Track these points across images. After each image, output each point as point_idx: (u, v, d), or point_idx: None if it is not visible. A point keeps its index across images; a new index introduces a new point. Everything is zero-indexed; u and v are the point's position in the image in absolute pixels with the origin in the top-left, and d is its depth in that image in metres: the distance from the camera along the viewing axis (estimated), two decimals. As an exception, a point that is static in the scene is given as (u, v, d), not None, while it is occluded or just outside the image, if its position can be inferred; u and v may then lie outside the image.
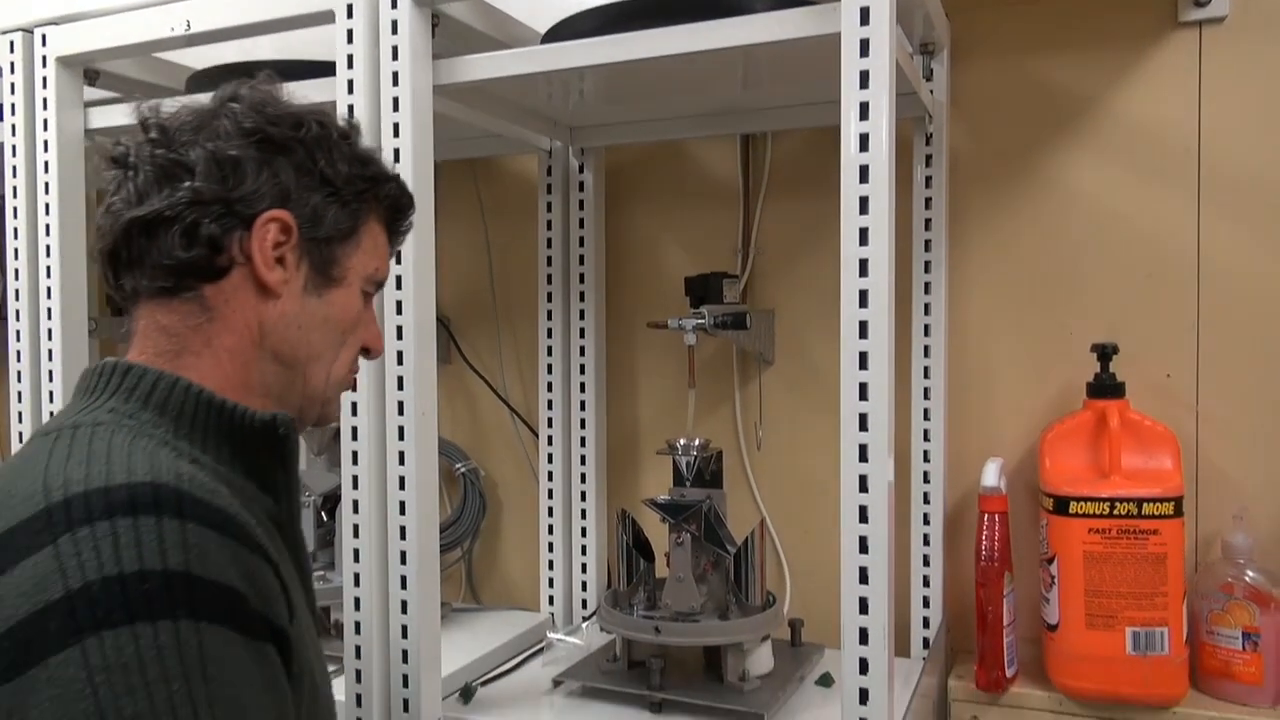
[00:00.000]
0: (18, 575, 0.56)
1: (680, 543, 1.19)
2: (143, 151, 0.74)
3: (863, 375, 0.90)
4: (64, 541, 0.57)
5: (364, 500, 1.10)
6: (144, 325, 0.75)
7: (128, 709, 0.54)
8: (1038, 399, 1.32)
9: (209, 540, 0.60)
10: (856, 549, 0.91)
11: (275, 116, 0.75)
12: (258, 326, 0.74)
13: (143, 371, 0.71)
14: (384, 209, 0.83)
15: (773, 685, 1.17)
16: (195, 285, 0.73)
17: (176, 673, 0.55)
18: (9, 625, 0.55)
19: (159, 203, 0.72)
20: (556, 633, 1.39)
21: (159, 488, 0.60)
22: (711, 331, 1.28)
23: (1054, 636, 1.19)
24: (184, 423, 0.70)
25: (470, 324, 1.64)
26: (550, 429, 1.49)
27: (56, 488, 0.60)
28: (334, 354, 0.79)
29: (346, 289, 0.79)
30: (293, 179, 0.74)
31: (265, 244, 0.73)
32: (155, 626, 0.55)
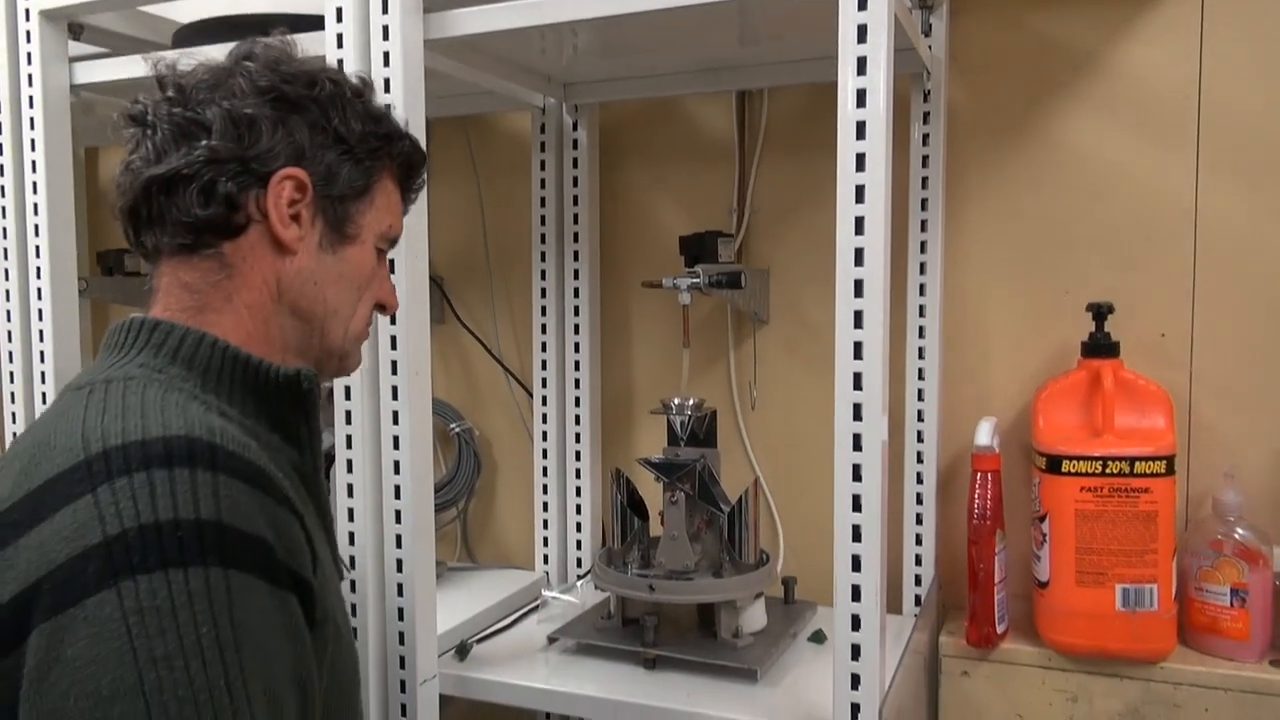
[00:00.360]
0: (59, 521, 0.59)
1: (674, 501, 1.20)
2: (160, 110, 0.76)
3: (857, 334, 0.90)
4: (103, 491, 0.60)
5: (359, 460, 1.10)
6: (166, 282, 0.76)
7: (159, 649, 0.57)
8: (1032, 358, 1.32)
9: (239, 492, 0.62)
10: (850, 507, 0.92)
11: (290, 75, 0.77)
12: (276, 282, 0.77)
13: (170, 327, 0.73)
14: (397, 167, 0.84)
15: (766, 642, 1.18)
16: (214, 242, 0.75)
17: (205, 617, 0.58)
18: (51, 567, 0.58)
19: (176, 161, 0.73)
20: (551, 591, 1.41)
21: (193, 441, 0.63)
22: (706, 291, 1.28)
23: (1044, 593, 1.21)
24: (210, 377, 0.72)
25: (464, 283, 1.64)
26: (544, 389, 1.49)
27: (95, 440, 0.62)
28: (350, 309, 0.82)
29: (360, 246, 0.81)
30: (307, 137, 0.76)
31: (280, 201, 0.75)
32: (186, 572, 0.58)
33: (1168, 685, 1.15)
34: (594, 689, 1.11)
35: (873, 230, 0.89)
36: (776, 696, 1.09)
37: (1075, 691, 1.19)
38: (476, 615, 1.31)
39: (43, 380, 1.28)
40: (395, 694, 1.11)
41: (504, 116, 1.59)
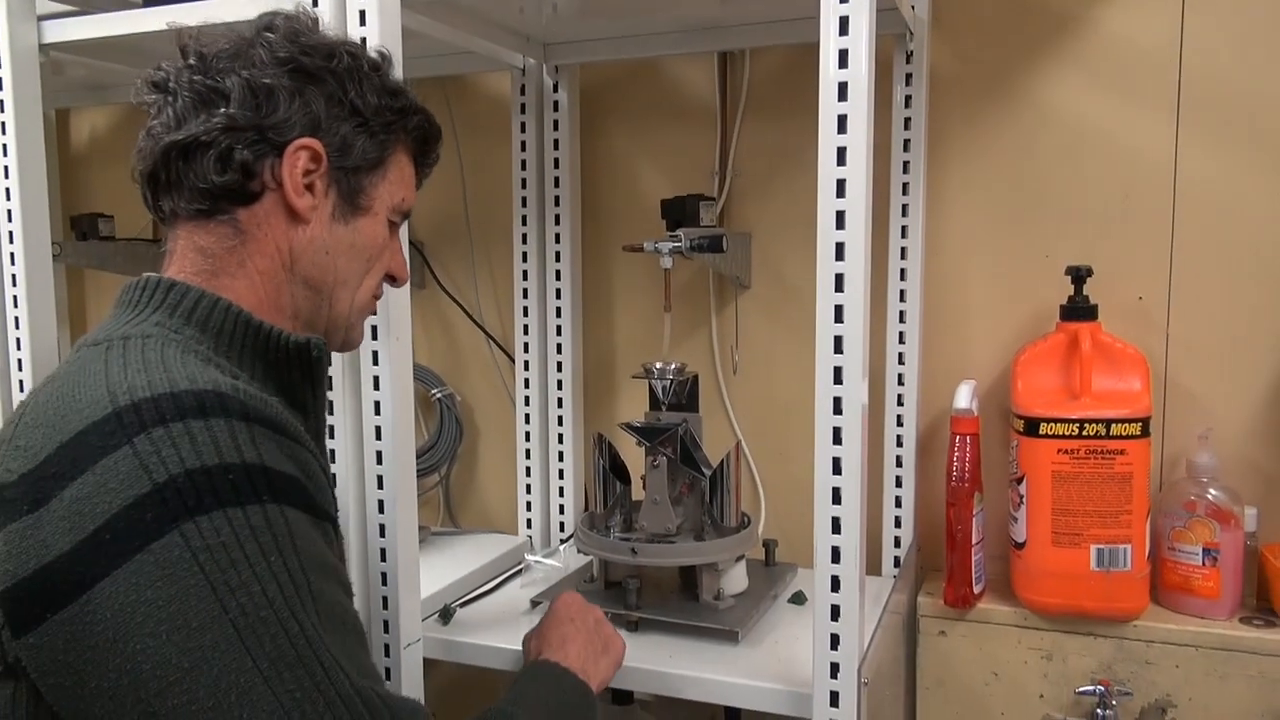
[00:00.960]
0: (101, 473, 0.61)
1: (656, 466, 1.21)
2: (182, 77, 0.77)
3: (838, 297, 0.90)
4: (140, 441, 0.61)
5: (340, 426, 1.10)
6: (181, 245, 0.78)
7: (234, 579, 0.60)
8: (1012, 321, 1.33)
9: (269, 439, 0.66)
10: (830, 470, 0.92)
11: (309, 46, 0.78)
12: (288, 250, 0.79)
13: (185, 289, 0.75)
14: (411, 140, 0.86)
15: (747, 604, 1.20)
16: (229, 209, 0.77)
17: (271, 547, 0.62)
18: (106, 518, 0.60)
19: (196, 128, 0.75)
20: (534, 555, 1.42)
21: (221, 395, 0.65)
22: (688, 255, 1.27)
23: (1021, 554, 1.23)
24: (223, 340, 0.74)
25: (444, 248, 1.63)
26: (526, 354, 1.49)
27: (122, 393, 0.64)
28: (359, 280, 0.84)
29: (373, 218, 0.83)
30: (323, 109, 0.78)
31: (295, 171, 0.77)
32: (244, 510, 0.62)
33: (1140, 643, 1.18)
34: (577, 651, 1.12)
35: (854, 193, 0.89)
36: (757, 657, 1.10)
37: (1050, 650, 1.22)
38: (460, 579, 1.32)
39: (18, 346, 1.27)
40: (380, 658, 1.12)
41: (483, 78, 1.57)
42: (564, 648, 0.96)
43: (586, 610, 1.02)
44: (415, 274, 1.60)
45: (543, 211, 1.46)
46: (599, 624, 1.02)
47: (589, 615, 1.02)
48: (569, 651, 0.95)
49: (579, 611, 1.02)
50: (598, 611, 1.03)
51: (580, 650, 0.96)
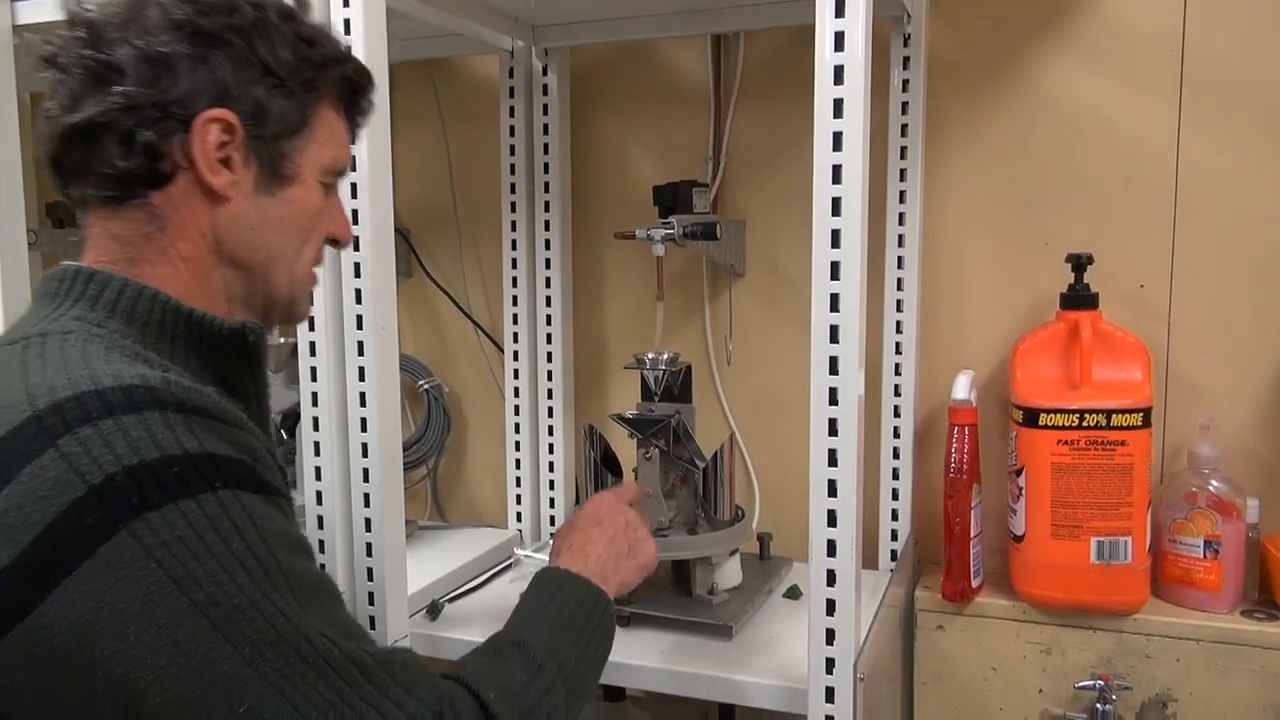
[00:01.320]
0: (26, 481, 0.57)
1: (648, 458, 1.20)
2: (71, 51, 0.70)
3: (834, 286, 0.89)
4: (66, 442, 0.58)
5: (324, 417, 1.09)
6: (95, 233, 0.73)
7: (198, 571, 0.58)
8: (1012, 311, 1.33)
9: (209, 427, 0.63)
10: (825, 462, 0.92)
11: (207, 5, 0.71)
12: (211, 232, 0.73)
13: (107, 279, 0.70)
14: (338, 92, 0.78)
15: (741, 598, 1.19)
16: (141, 193, 0.71)
17: (232, 534, 0.60)
18: (42, 528, 0.57)
19: (91, 109, 0.69)
20: (524, 549, 1.41)
21: (152, 387, 0.62)
22: (681, 242, 1.27)
23: (1020, 547, 1.22)
24: (151, 331, 0.70)
25: (431, 235, 1.62)
26: (515, 343, 1.48)
27: (41, 394, 0.60)
28: (295, 254, 0.78)
29: (302, 185, 0.76)
30: (230, 73, 0.70)
31: (207, 146, 0.70)
32: (197, 500, 0.59)
33: (1140, 637, 1.18)
34: (568, 647, 1.12)
35: (850, 179, 0.88)
36: (752, 652, 1.10)
37: (1049, 644, 1.21)
38: (448, 575, 1.31)
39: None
40: (365, 654, 1.11)
41: (471, 61, 1.56)
42: (584, 551, 0.90)
43: (617, 512, 0.96)
44: (401, 262, 1.59)
45: (532, 198, 1.45)
46: (629, 527, 0.95)
47: (618, 518, 0.95)
48: (589, 555, 0.90)
49: (609, 513, 0.95)
50: (630, 514, 0.96)
51: (601, 554, 0.90)
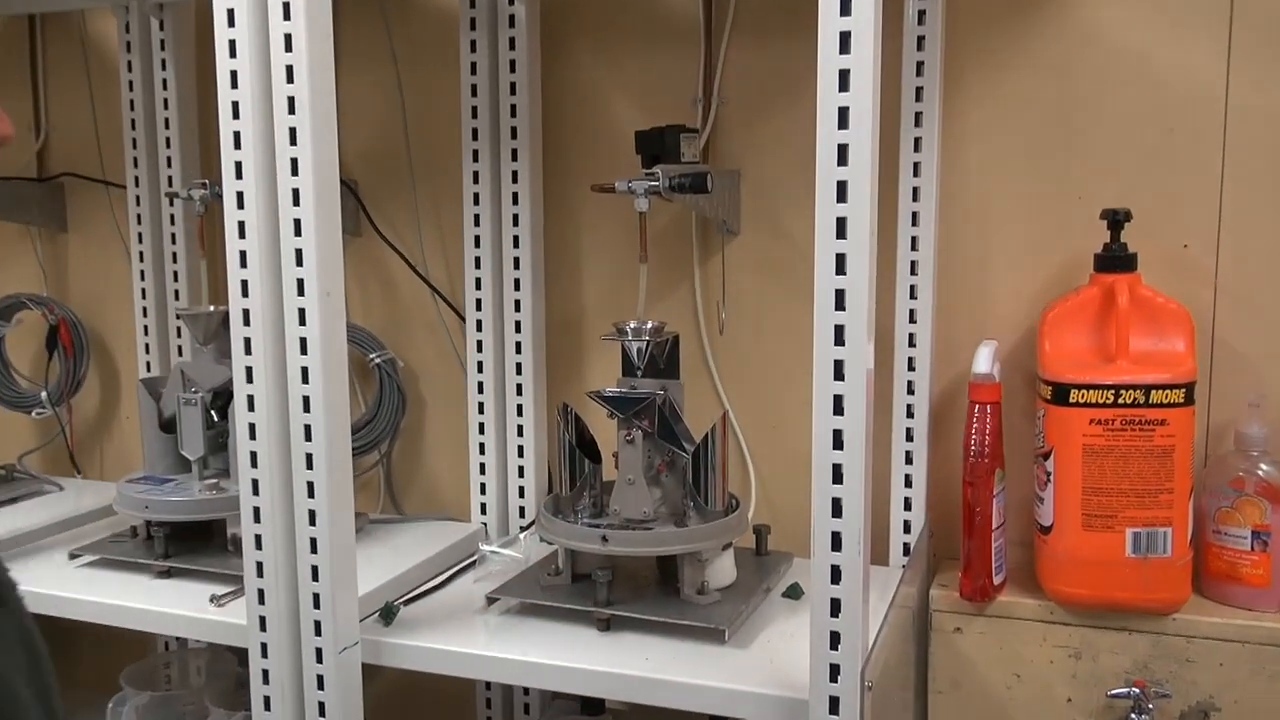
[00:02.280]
0: None
1: (630, 440, 1.21)
2: None
3: (840, 245, 0.90)
4: None
5: (261, 396, 1.09)
6: None
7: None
8: (1040, 273, 1.33)
9: None
10: (830, 445, 0.92)
11: None
12: None
13: None
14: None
15: (735, 598, 1.20)
16: None
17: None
18: None
19: None
20: (490, 545, 1.41)
21: None
22: (667, 196, 1.26)
23: (1047, 539, 1.24)
24: None
25: (382, 189, 1.61)
26: (479, 311, 1.48)
27: None
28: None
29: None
30: None
31: None
32: None
33: (1180, 639, 1.20)
34: (540, 654, 1.13)
35: (859, 125, 0.88)
36: (747, 659, 1.11)
37: (1079, 647, 1.23)
38: (404, 573, 1.31)
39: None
40: (310, 664, 1.12)
41: (426, -11, 1.55)
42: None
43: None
44: (349, 220, 1.58)
45: (497, 147, 1.44)
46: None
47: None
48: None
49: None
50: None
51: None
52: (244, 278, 1.08)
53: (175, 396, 1.41)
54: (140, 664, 1.61)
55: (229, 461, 1.41)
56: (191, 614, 1.25)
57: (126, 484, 1.41)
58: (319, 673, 1.11)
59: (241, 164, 1.07)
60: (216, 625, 1.23)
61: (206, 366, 1.43)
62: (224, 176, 1.08)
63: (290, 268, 1.06)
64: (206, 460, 1.41)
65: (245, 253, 1.08)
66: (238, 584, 1.21)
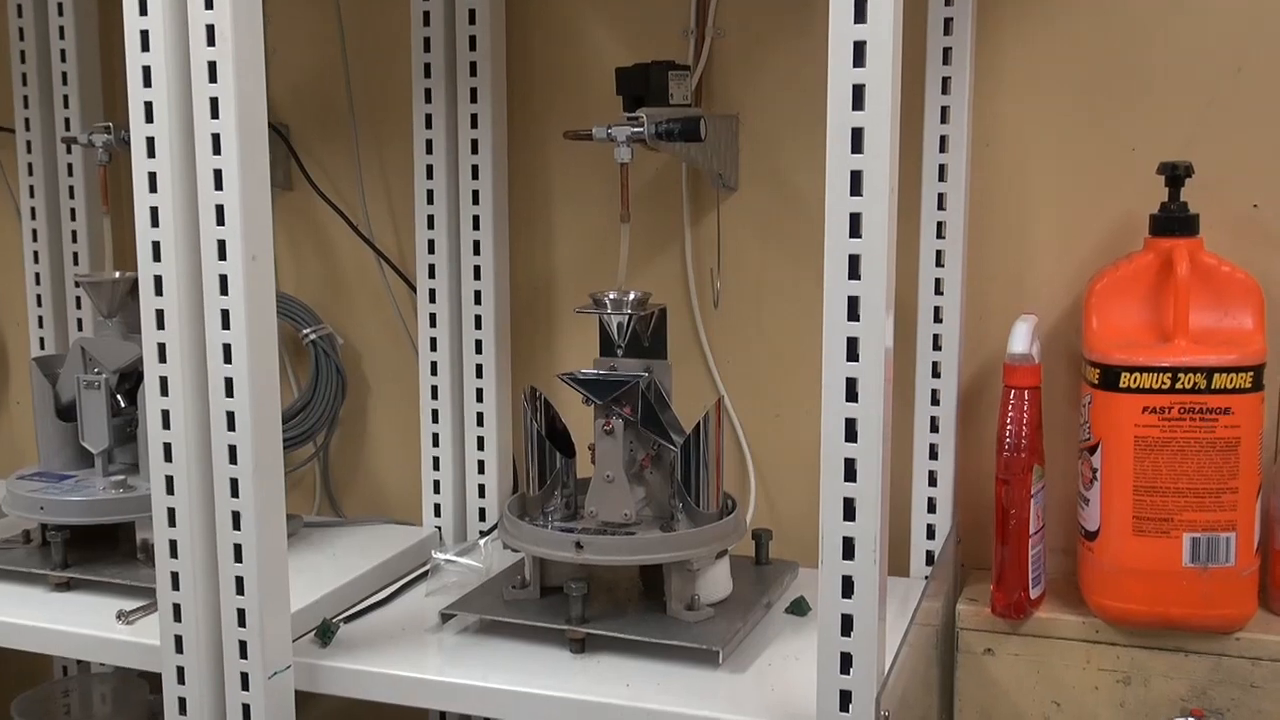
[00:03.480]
0: None
1: (609, 431, 1.21)
2: None
3: (855, 203, 0.90)
4: None
5: (176, 378, 1.08)
6: None
7: None
8: (1086, 237, 1.34)
9: None
10: (842, 436, 0.93)
11: None
12: None
13: None
14: None
15: (731, 614, 1.20)
16: None
17: None
18: None
19: None
20: (445, 552, 1.41)
21: None
22: (652, 144, 1.26)
23: (1092, 546, 1.24)
24: None
25: (318, 134, 1.60)
26: (432, 279, 1.48)
27: None
28: None
29: None
30: None
31: None
32: None
33: (1244, 661, 1.21)
34: (503, 680, 1.13)
35: (877, 62, 0.88)
36: (744, 685, 1.11)
37: (1128, 671, 1.24)
38: (344, 586, 1.31)
39: None
40: (235, 692, 1.12)
41: (370, -101, 1.54)
42: None
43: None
44: (277, 169, 1.57)
45: (454, 86, 1.44)
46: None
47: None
48: None
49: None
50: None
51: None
52: (155, 239, 1.08)
53: (75, 379, 1.40)
54: (34, 692, 1.61)
55: (138, 455, 1.40)
56: (95, 633, 1.25)
57: (17, 481, 1.40)
58: (245, 701, 1.11)
59: (152, 105, 1.06)
60: (124, 646, 1.23)
61: (111, 343, 1.42)
62: (131, 119, 1.07)
63: (210, 227, 1.05)
64: (112, 453, 1.41)
65: (157, 209, 1.07)
66: (149, 598, 1.21)
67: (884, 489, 0.94)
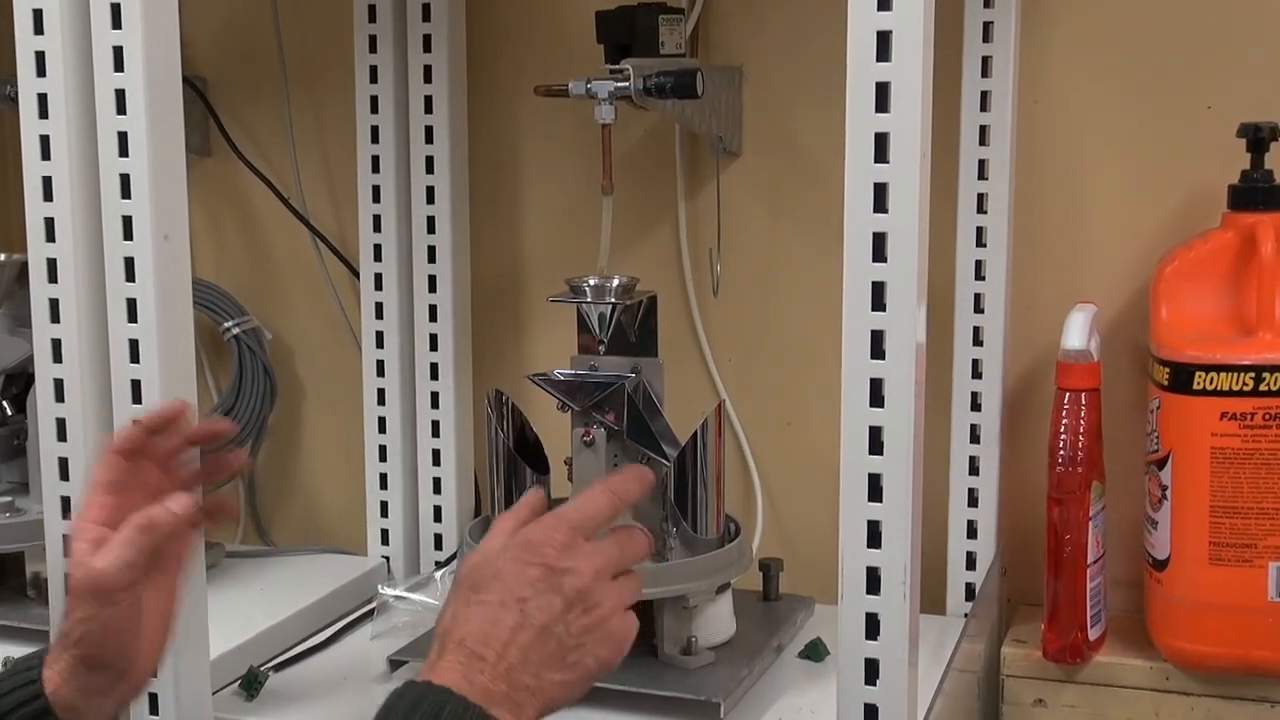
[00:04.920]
0: None
1: (590, 442, 1.21)
2: None
3: (879, 171, 0.90)
4: None
5: (73, 380, 1.08)
6: None
7: None
8: (1154, 212, 1.34)
9: None
10: (865, 447, 0.93)
11: None
12: None
13: None
14: None
15: (734, 659, 1.20)
16: None
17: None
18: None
19: None
20: (394, 587, 1.41)
21: None
22: (640, 102, 1.26)
23: (1161, 578, 1.25)
24: None
25: (243, 92, 1.61)
26: (379, 263, 1.48)
27: None
28: None
29: None
30: None
31: None
32: None
33: (1342, 712, 1.22)
34: (464, 737, 1.13)
35: (906, 3, 0.88)
36: (750, 742, 1.12)
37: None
38: (273, 627, 1.32)
39: None
40: (145, 752, 1.12)
41: None
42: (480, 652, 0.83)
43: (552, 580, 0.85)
44: (194, 132, 1.57)
45: (404, 33, 1.44)
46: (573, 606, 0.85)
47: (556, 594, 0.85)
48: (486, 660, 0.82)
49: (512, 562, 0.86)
50: (580, 560, 0.86)
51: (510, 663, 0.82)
52: (48, 214, 1.07)
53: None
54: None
55: (27, 472, 1.40)
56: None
57: (-117, 504, 1.40)
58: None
59: (44, 55, 1.06)
60: (12, 700, 1.23)
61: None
62: (20, 73, 1.07)
63: (114, 201, 1.05)
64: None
65: (50, 179, 1.07)
66: (43, 641, 1.20)
67: (915, 510, 0.94)
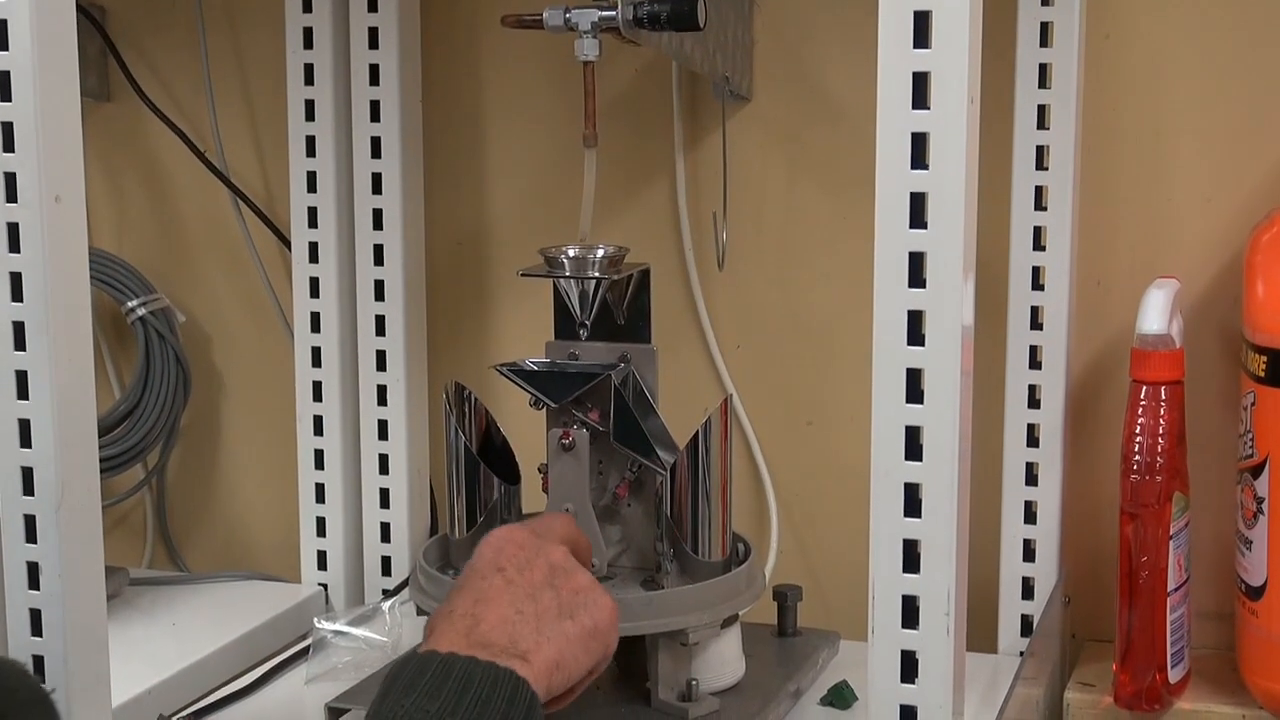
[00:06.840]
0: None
1: (569, 446, 1.21)
2: None
3: (919, 118, 0.90)
4: None
5: (-56, 371, 1.09)
6: None
7: None
8: (1245, 172, 1.35)
9: None
10: (900, 452, 0.93)
11: None
12: None
13: None
14: None
15: (743, 707, 1.21)
16: None
17: None
18: None
19: None
20: (333, 621, 1.42)
21: None
22: (629, 34, 1.26)
23: (1257, 608, 1.25)
24: None
25: (148, 22, 1.61)
26: (314, 229, 1.48)
27: None
28: None
29: None
30: None
31: None
32: None
33: None
34: (417, 801, 1.13)
35: (950, -83, 0.88)
36: (762, 806, 1.12)
37: (1307, 783, 1.26)
38: (188, 669, 1.32)
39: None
40: (33, 819, 1.12)
41: None
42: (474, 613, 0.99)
43: (531, 549, 1.05)
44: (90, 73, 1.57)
45: (344, -50, 1.44)
46: (558, 572, 1.05)
47: (537, 558, 1.05)
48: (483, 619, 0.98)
49: (518, 552, 1.05)
50: (556, 552, 1.06)
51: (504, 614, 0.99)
52: (-86, 172, 1.08)
53: None
54: None
55: (-109, 483, 1.40)
56: None
57: None
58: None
59: (-92, -22, 1.06)
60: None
61: None
62: (-122, -1, 1.07)
63: (-8, 155, 1.06)
64: None
65: (-84, 129, 1.07)
66: (-92, 688, 1.21)
67: (961, 527, 0.94)
